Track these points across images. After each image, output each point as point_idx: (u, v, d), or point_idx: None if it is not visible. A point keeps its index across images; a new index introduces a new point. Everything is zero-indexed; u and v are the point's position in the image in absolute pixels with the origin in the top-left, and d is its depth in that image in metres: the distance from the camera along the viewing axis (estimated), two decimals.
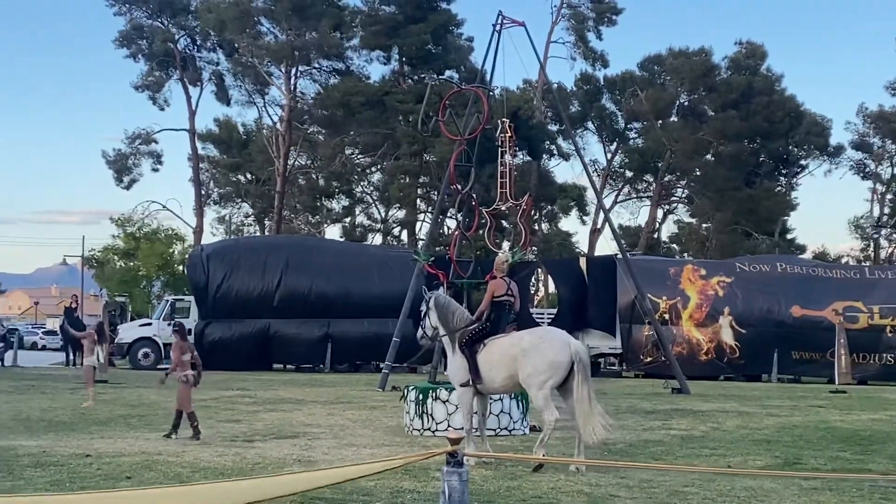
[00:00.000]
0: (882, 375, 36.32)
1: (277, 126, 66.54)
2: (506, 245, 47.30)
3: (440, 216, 48.04)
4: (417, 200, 65.40)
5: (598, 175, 68.97)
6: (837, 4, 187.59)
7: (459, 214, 24.75)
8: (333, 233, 70.95)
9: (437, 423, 16.49)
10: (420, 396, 16.74)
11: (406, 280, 30.05)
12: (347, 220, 70.65)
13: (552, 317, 39.54)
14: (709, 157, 68.88)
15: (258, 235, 67.30)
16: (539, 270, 50.82)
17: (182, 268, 57.53)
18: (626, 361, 39.23)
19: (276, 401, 23.20)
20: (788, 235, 69.93)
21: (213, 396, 22.89)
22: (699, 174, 69.20)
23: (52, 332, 69.38)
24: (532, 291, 55.16)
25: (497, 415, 16.49)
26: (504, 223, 49.57)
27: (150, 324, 41.04)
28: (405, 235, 66.30)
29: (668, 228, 75.92)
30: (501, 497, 10.66)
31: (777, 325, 36.95)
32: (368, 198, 71.15)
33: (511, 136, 21.24)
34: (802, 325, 36.86)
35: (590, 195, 66.88)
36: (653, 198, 72.16)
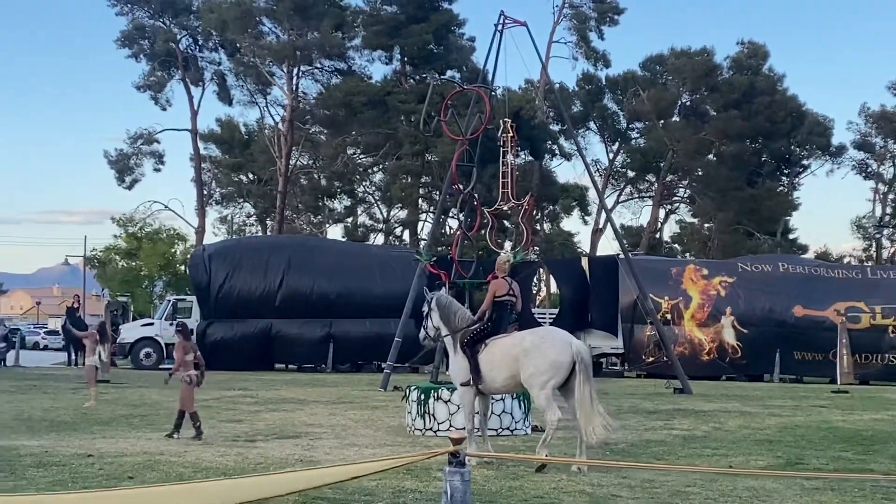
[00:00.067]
0: (884, 375, 36.31)
1: (279, 126, 66.54)
2: (507, 245, 47.28)
3: (442, 216, 48.02)
4: (419, 200, 65.39)
5: (600, 175, 68.93)
6: (839, 4, 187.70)
7: (461, 214, 24.73)
8: (335, 233, 71.05)
9: (439, 423, 16.49)
10: (422, 396, 16.74)
11: (408, 280, 30.03)
12: (349, 220, 70.64)
13: (554, 317, 39.54)
14: (711, 157, 68.88)
15: (260, 235, 67.33)
16: (541, 270, 50.79)
17: (184, 268, 57.51)
18: (628, 361, 39.22)
19: (278, 401, 23.20)
20: (790, 235, 69.93)
21: (215, 396, 22.89)
22: (701, 174, 69.17)
23: (54, 332, 69.38)
24: (534, 291, 55.15)
25: (499, 415, 16.49)
26: (506, 223, 49.52)
27: (152, 324, 41.04)
28: (407, 235, 66.32)
29: (670, 228, 76.03)
30: (503, 497, 10.66)
31: (779, 326, 36.93)
32: (370, 198, 71.18)
33: (513, 136, 21.22)
34: (804, 325, 36.85)
35: (592, 195, 66.98)
36: (655, 198, 72.12)
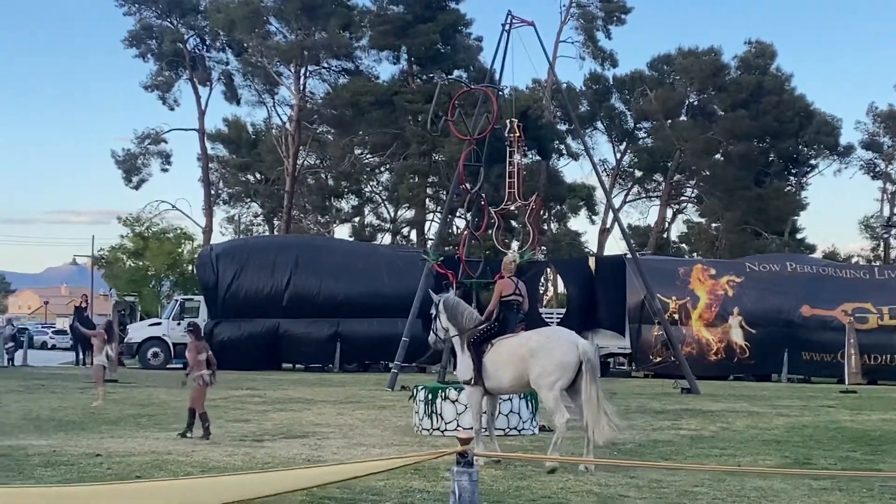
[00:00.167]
0: (892, 376, 36.21)
1: (287, 126, 66.58)
2: (514, 245, 47.27)
3: (449, 216, 48.04)
4: (426, 200, 65.40)
5: (608, 175, 68.86)
6: (847, 4, 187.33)
7: (468, 214, 24.72)
8: (342, 232, 71.11)
9: (447, 423, 16.49)
10: (429, 396, 16.74)
11: (415, 280, 30.04)
12: (356, 220, 70.68)
13: (561, 316, 39.53)
14: (718, 157, 68.77)
15: (267, 235, 67.36)
16: (548, 270, 50.78)
17: (191, 267, 57.55)
18: (636, 361, 39.18)
19: (286, 400, 23.23)
20: (798, 235, 69.83)
21: (223, 396, 22.91)
22: (709, 174, 69.08)
23: (62, 332, 69.49)
24: (541, 291, 55.12)
25: (506, 414, 16.49)
26: (513, 223, 49.51)
27: (160, 323, 41.09)
28: (414, 235, 66.34)
29: (678, 228, 75.94)
30: (511, 497, 10.66)
31: (787, 325, 36.86)
32: (377, 197, 71.18)
33: (520, 136, 21.26)
34: (812, 325, 36.78)
35: (599, 195, 66.91)
36: (662, 197, 72.06)
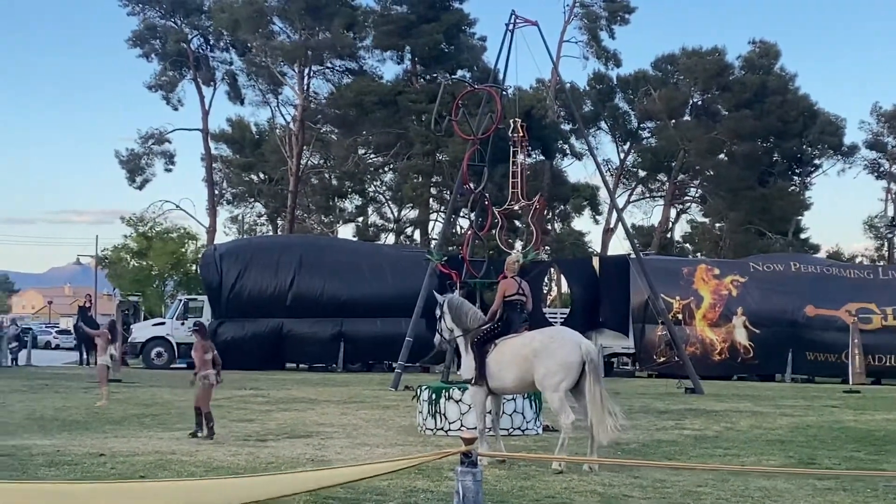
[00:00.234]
0: None
1: (290, 126, 66.56)
2: (518, 245, 47.28)
3: (453, 216, 47.99)
4: (430, 200, 65.33)
5: (611, 174, 68.77)
6: (851, 4, 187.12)
7: (472, 214, 24.72)
8: (346, 232, 71.05)
9: (450, 423, 16.49)
10: (433, 396, 16.74)
11: (419, 280, 30.03)
12: (360, 220, 70.64)
13: (565, 316, 39.53)
14: (722, 157, 68.71)
15: (271, 235, 67.32)
16: (552, 270, 50.75)
17: (195, 267, 57.57)
18: (640, 361, 39.19)
19: (289, 400, 23.24)
20: (802, 235, 69.77)
21: (226, 396, 22.91)
22: (712, 174, 68.98)
23: (66, 332, 69.57)
24: (545, 291, 55.09)
25: (510, 414, 16.48)
26: (517, 223, 49.54)
27: (164, 323, 41.11)
28: (418, 235, 66.27)
29: (682, 228, 75.87)
30: (515, 497, 10.65)
31: (791, 325, 36.84)
32: (381, 197, 71.15)
33: (523, 136, 21.24)
34: (816, 325, 36.76)
35: (603, 195, 66.85)
36: (666, 197, 71.99)
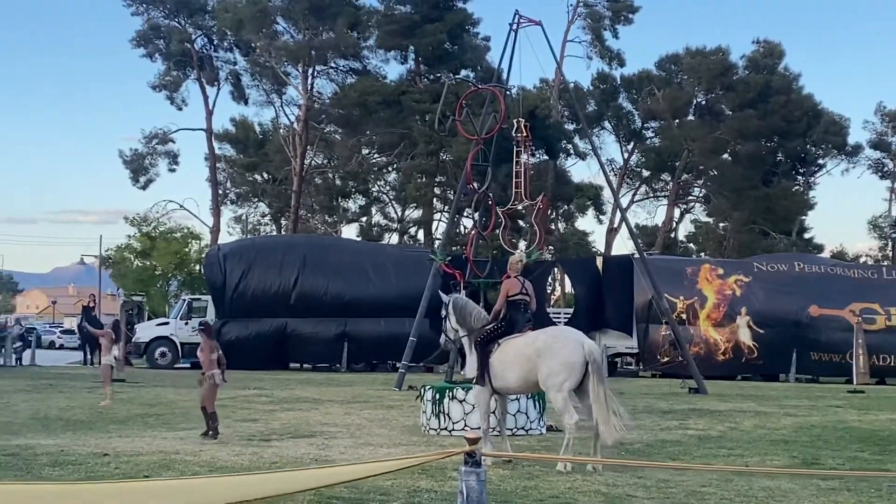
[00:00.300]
0: None
1: (294, 126, 66.57)
2: (522, 244, 47.23)
3: (456, 215, 48.03)
4: (434, 200, 65.37)
5: (615, 174, 68.83)
6: (855, 3, 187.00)
7: (476, 214, 24.70)
8: (350, 232, 71.09)
9: (454, 423, 16.49)
10: (437, 396, 16.74)
11: (423, 280, 30.03)
12: (364, 220, 70.72)
13: (569, 316, 39.47)
14: (726, 157, 68.66)
15: (275, 235, 67.33)
16: (555, 270, 50.72)
17: (199, 267, 57.59)
18: (643, 361, 39.18)
19: (293, 400, 23.24)
20: (806, 235, 69.73)
21: (230, 395, 22.92)
22: (716, 173, 68.98)
23: (70, 332, 69.62)
24: (548, 291, 55.07)
25: (514, 414, 16.46)
26: (520, 223, 49.51)
27: (168, 323, 41.14)
28: (422, 235, 66.30)
29: (685, 228, 75.92)
30: (518, 497, 10.64)
31: (795, 325, 36.82)
32: (385, 197, 71.21)
33: (527, 136, 21.23)
34: (820, 325, 36.73)
35: (606, 194, 66.96)
36: (670, 197, 71.97)
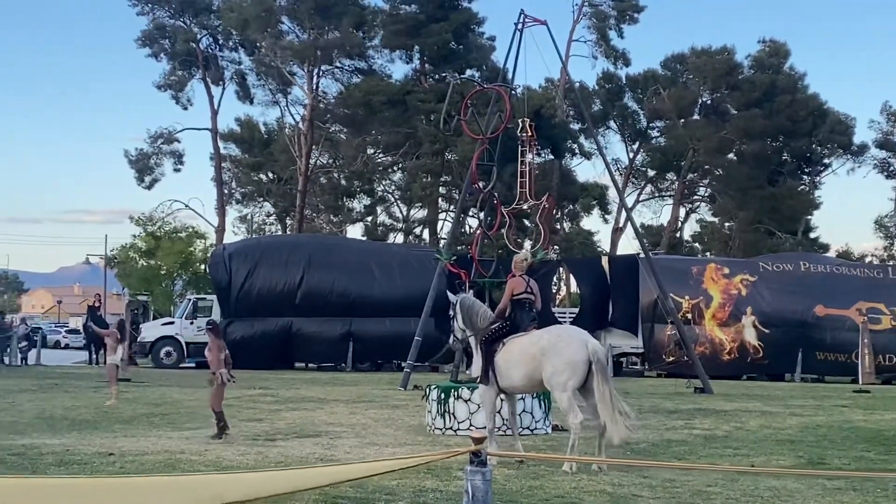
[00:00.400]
0: None
1: (299, 125, 66.59)
2: (527, 244, 47.17)
3: (462, 215, 48.01)
4: (439, 199, 65.37)
5: (621, 174, 68.72)
6: (860, 3, 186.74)
7: (481, 213, 24.72)
8: (355, 232, 71.12)
9: (459, 423, 16.48)
10: (442, 395, 16.73)
11: (428, 279, 30.04)
12: (369, 219, 70.71)
13: (574, 316, 39.49)
14: (731, 156, 68.57)
15: (280, 234, 67.40)
16: (561, 270, 50.74)
17: (204, 266, 57.65)
18: (649, 361, 39.13)
19: (298, 399, 23.24)
20: (812, 234, 69.57)
21: (236, 395, 22.92)
22: (722, 173, 68.87)
23: (75, 331, 69.66)
24: (554, 291, 55.09)
25: (519, 414, 16.44)
26: (526, 222, 49.53)
27: (173, 322, 41.17)
28: (427, 234, 66.29)
29: (691, 227, 75.74)
30: (524, 496, 10.63)
31: (800, 325, 36.74)
32: (390, 197, 71.20)
33: (532, 135, 21.25)
34: (826, 325, 36.65)
35: (612, 194, 66.76)
36: (675, 197, 71.90)
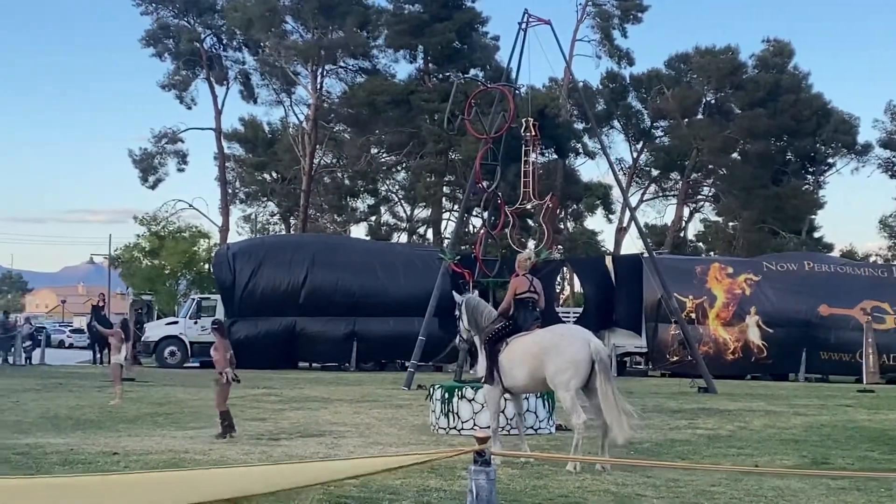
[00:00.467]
0: None
1: (303, 125, 66.61)
2: (531, 244, 47.19)
3: (465, 215, 48.01)
4: (443, 199, 65.37)
5: (624, 173, 68.69)
6: (865, 2, 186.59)
7: (485, 213, 24.71)
8: (359, 231, 71.12)
9: (463, 422, 16.48)
10: (446, 395, 16.73)
11: (432, 279, 30.05)
12: (373, 219, 70.71)
13: (578, 315, 39.51)
14: (735, 156, 68.57)
15: (284, 234, 67.43)
16: (565, 269, 50.73)
17: (207, 266, 57.66)
18: (652, 360, 39.14)
19: (302, 399, 23.25)
20: (816, 234, 69.54)
21: (240, 395, 22.90)
22: (726, 172, 68.85)
23: (80, 331, 69.69)
24: (558, 290, 55.10)
25: (523, 414, 16.46)
26: (529, 222, 49.53)
27: (177, 322, 41.18)
28: (430, 234, 66.32)
29: (695, 227, 75.71)
30: (528, 496, 10.63)
31: (804, 325, 36.72)
32: (394, 196, 71.22)
33: (536, 135, 21.21)
34: (830, 324, 36.63)
35: (616, 194, 66.89)
36: (679, 196, 71.86)
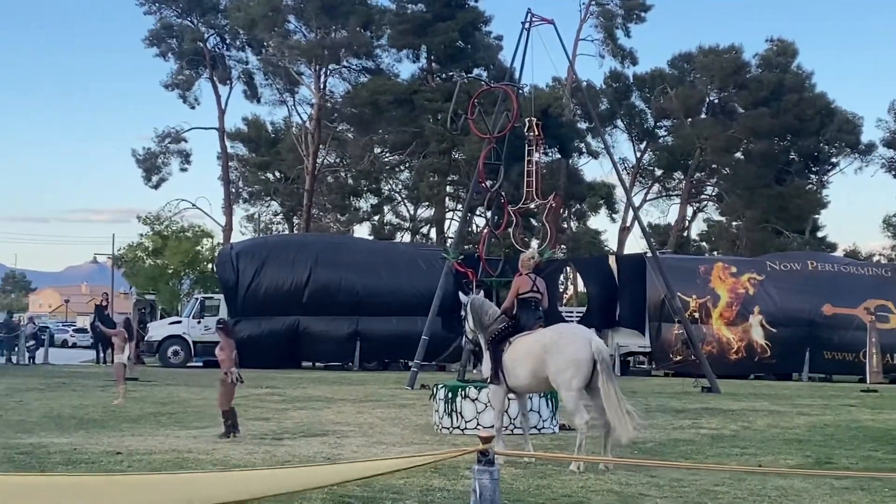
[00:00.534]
0: None
1: (306, 124, 66.63)
2: (534, 243, 47.22)
3: (469, 214, 48.03)
4: (446, 198, 65.41)
5: (628, 173, 68.76)
6: (869, 1, 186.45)
7: (488, 212, 24.70)
8: (362, 231, 71.16)
9: (466, 422, 16.48)
10: (449, 395, 16.72)
11: (435, 278, 30.06)
12: (376, 219, 70.75)
13: (581, 315, 39.47)
14: (739, 155, 68.52)
15: (287, 234, 67.43)
16: (568, 269, 50.71)
17: (211, 265, 57.69)
18: (656, 360, 39.13)
19: (306, 399, 23.26)
20: (819, 233, 69.51)
21: (243, 394, 22.89)
22: (729, 172, 68.84)
23: (83, 330, 69.74)
24: (561, 290, 55.09)
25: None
26: (533, 221, 49.54)
27: (180, 322, 41.20)
28: (434, 233, 66.31)
29: (698, 226, 75.75)
30: (531, 496, 10.62)
31: (808, 324, 36.70)
32: (397, 196, 71.27)
33: (539, 135, 21.21)
34: (834, 324, 36.60)
35: (619, 193, 66.85)
36: (682, 196, 71.85)
